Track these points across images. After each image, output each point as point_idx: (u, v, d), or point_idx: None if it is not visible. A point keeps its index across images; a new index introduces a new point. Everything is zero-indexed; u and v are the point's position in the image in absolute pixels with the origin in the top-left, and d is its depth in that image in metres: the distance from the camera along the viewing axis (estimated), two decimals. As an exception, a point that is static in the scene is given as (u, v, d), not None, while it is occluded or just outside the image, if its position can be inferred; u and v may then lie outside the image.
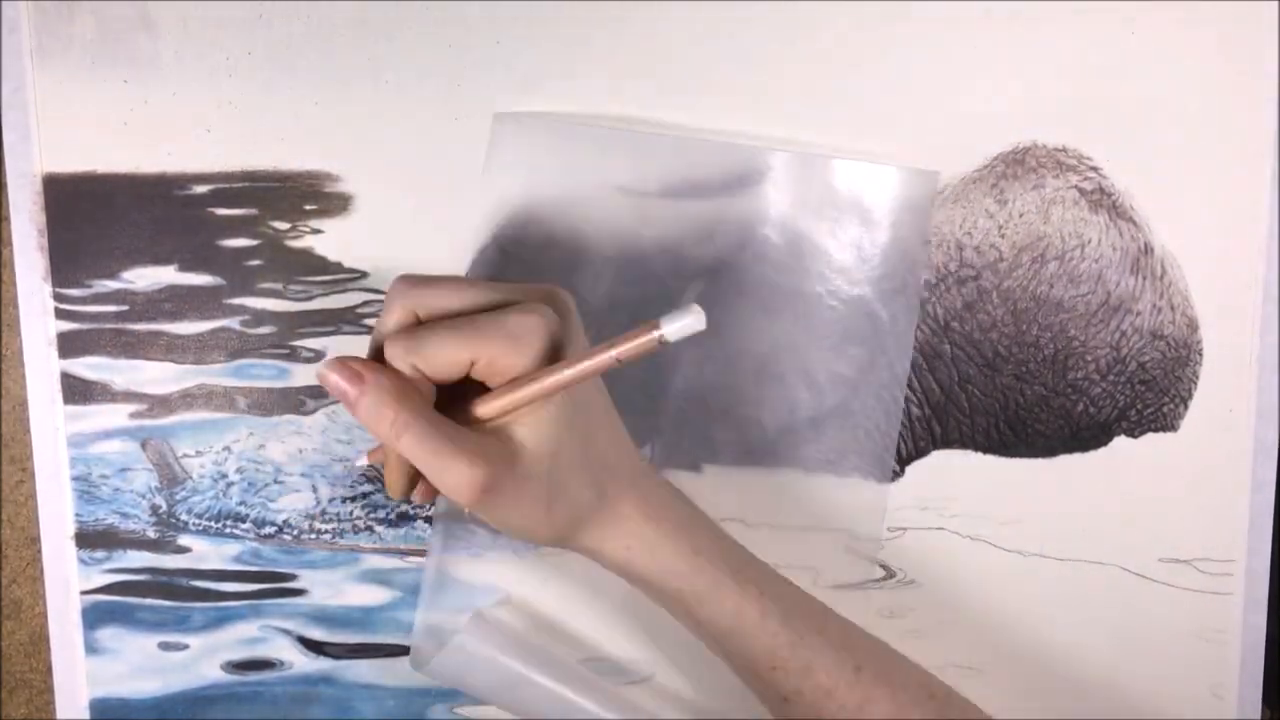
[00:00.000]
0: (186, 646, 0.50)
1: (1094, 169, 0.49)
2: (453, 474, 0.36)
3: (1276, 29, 0.49)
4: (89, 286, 0.48)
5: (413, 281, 0.38)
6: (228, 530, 0.49)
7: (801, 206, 0.49)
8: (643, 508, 0.41)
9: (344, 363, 0.37)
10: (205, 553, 0.50)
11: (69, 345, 0.48)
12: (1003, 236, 0.50)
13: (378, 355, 0.38)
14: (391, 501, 0.50)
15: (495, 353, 0.36)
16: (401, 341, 0.37)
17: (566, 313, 0.39)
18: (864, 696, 0.41)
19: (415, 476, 0.40)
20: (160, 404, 0.49)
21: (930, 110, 0.49)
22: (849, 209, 0.49)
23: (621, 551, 0.41)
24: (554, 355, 0.37)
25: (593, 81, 0.48)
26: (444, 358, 0.36)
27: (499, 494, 0.37)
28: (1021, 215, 0.49)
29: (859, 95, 0.49)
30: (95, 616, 0.50)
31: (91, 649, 0.50)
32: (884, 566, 0.51)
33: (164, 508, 0.49)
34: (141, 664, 0.50)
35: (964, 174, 0.49)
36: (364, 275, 0.48)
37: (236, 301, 0.49)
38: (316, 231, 0.48)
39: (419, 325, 0.37)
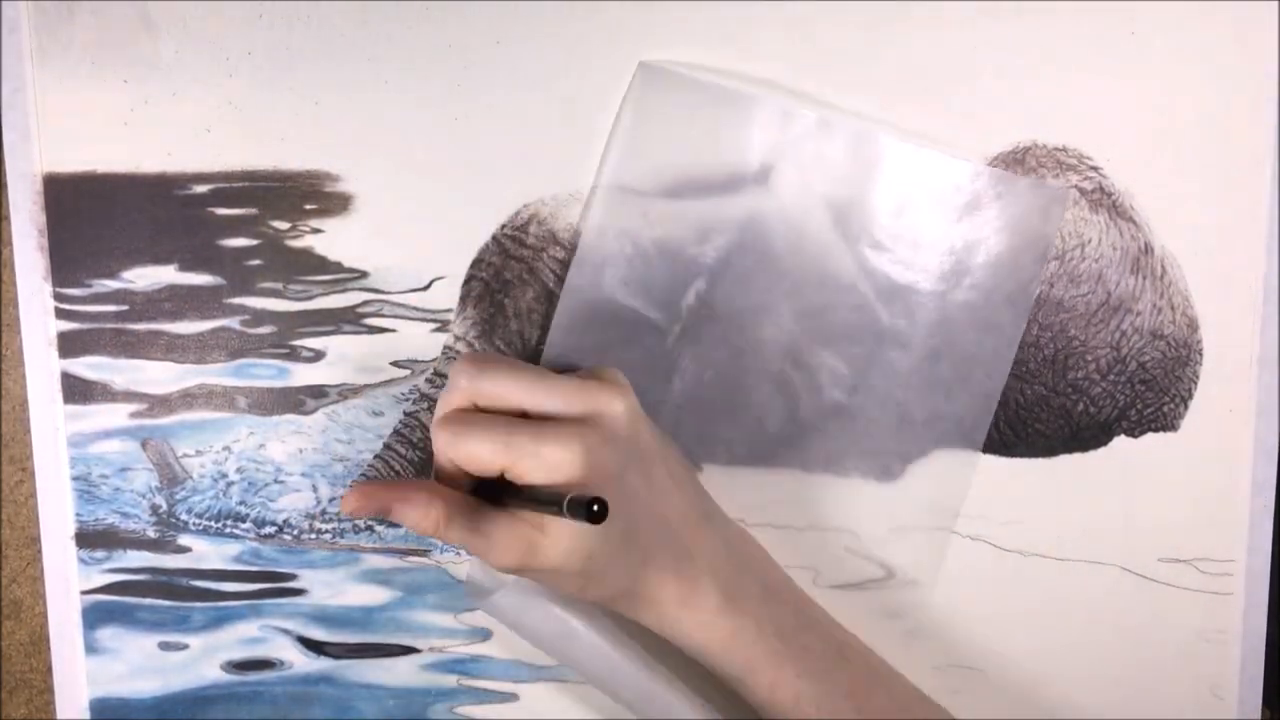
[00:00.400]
0: (186, 646, 0.50)
1: (1094, 168, 0.49)
2: (488, 553, 0.39)
3: (1276, 29, 0.49)
4: (89, 286, 0.48)
5: (477, 365, 0.40)
6: (228, 530, 0.49)
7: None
8: (679, 593, 0.42)
9: (362, 496, 0.40)
10: (205, 552, 0.50)
11: (69, 345, 0.48)
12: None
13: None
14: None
15: (524, 471, 0.38)
16: (446, 434, 0.39)
17: (615, 430, 0.40)
18: None
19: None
20: (160, 404, 0.49)
21: (930, 110, 0.49)
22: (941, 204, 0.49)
23: (660, 630, 0.43)
24: (586, 481, 0.39)
25: (593, 81, 0.48)
26: (477, 463, 0.39)
27: (532, 574, 0.40)
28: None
29: (859, 94, 0.49)
30: (95, 616, 0.50)
31: (91, 649, 0.50)
32: (884, 566, 0.51)
33: (164, 507, 0.49)
34: (141, 664, 0.50)
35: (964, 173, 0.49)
36: (364, 275, 0.48)
37: (237, 301, 0.49)
38: (317, 231, 0.48)
39: (468, 417, 0.40)
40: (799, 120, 0.48)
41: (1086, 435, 0.51)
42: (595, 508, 0.34)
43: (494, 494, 0.42)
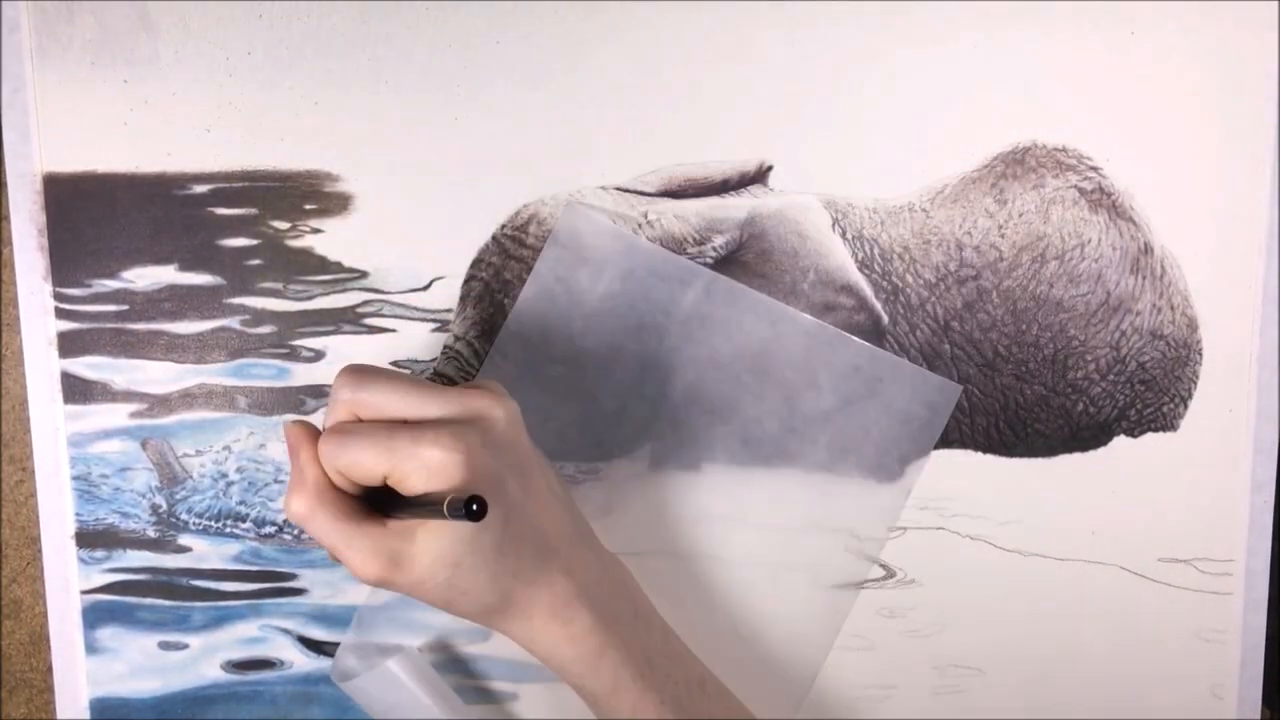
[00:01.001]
0: (186, 646, 0.50)
1: (1094, 169, 0.49)
2: (351, 565, 0.39)
3: (1276, 29, 0.49)
4: (89, 286, 0.48)
5: (355, 378, 0.39)
6: (228, 530, 0.49)
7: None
8: (551, 607, 0.41)
9: (294, 429, 0.40)
10: (205, 552, 0.50)
11: (69, 345, 0.48)
12: (1002, 236, 0.50)
13: None
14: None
15: (405, 474, 0.38)
16: (330, 445, 0.39)
17: (496, 435, 0.39)
18: None
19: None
20: (160, 403, 0.49)
21: (930, 110, 0.49)
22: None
23: (526, 643, 0.43)
24: (468, 484, 0.38)
25: (593, 82, 0.48)
26: (360, 470, 0.38)
27: (396, 586, 0.39)
28: (1021, 215, 0.49)
29: (859, 94, 0.49)
30: (95, 616, 0.50)
31: (92, 648, 0.50)
32: (884, 566, 0.51)
33: (164, 507, 0.49)
34: (142, 663, 0.50)
35: (964, 173, 0.49)
36: (364, 275, 0.48)
37: (236, 301, 0.49)
38: (316, 231, 0.48)
39: (351, 427, 0.39)
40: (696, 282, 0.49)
41: (1086, 435, 0.51)
42: (475, 506, 0.34)
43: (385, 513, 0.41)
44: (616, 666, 0.42)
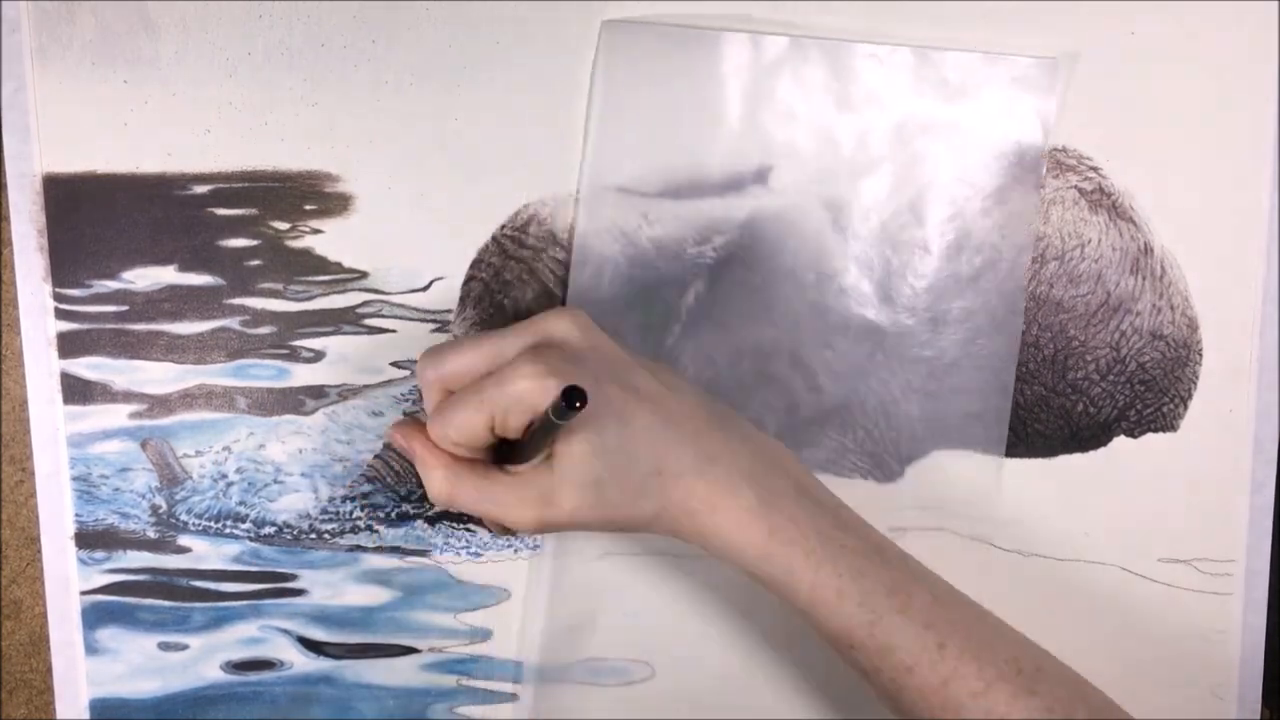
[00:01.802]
0: (186, 647, 0.50)
1: (1094, 169, 0.49)
2: (507, 519, 0.41)
3: (1276, 29, 0.49)
4: (89, 287, 0.48)
5: (433, 357, 0.41)
6: (228, 530, 0.49)
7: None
8: (708, 500, 0.41)
9: (402, 429, 0.42)
10: (205, 553, 0.50)
11: (69, 345, 0.48)
12: (1002, 236, 0.49)
13: None
14: (391, 501, 0.50)
15: (505, 415, 0.39)
16: (436, 423, 0.41)
17: (571, 345, 0.41)
18: (947, 673, 0.41)
19: None
20: (160, 404, 0.49)
21: (930, 108, 0.49)
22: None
23: (697, 540, 0.42)
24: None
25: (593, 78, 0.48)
26: (469, 432, 0.40)
27: (558, 524, 0.40)
28: (1020, 214, 0.49)
29: (860, 91, 0.49)
30: (95, 617, 0.50)
31: (91, 649, 0.50)
32: (884, 566, 0.51)
33: (164, 508, 0.49)
34: (141, 664, 0.50)
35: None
36: (364, 275, 0.48)
37: (236, 301, 0.49)
38: (316, 231, 0.48)
39: (447, 400, 0.41)
40: (770, 47, 0.48)
41: (1086, 435, 0.51)
42: (572, 396, 0.35)
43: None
44: (788, 545, 0.41)
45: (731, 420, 0.44)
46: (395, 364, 0.49)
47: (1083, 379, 0.50)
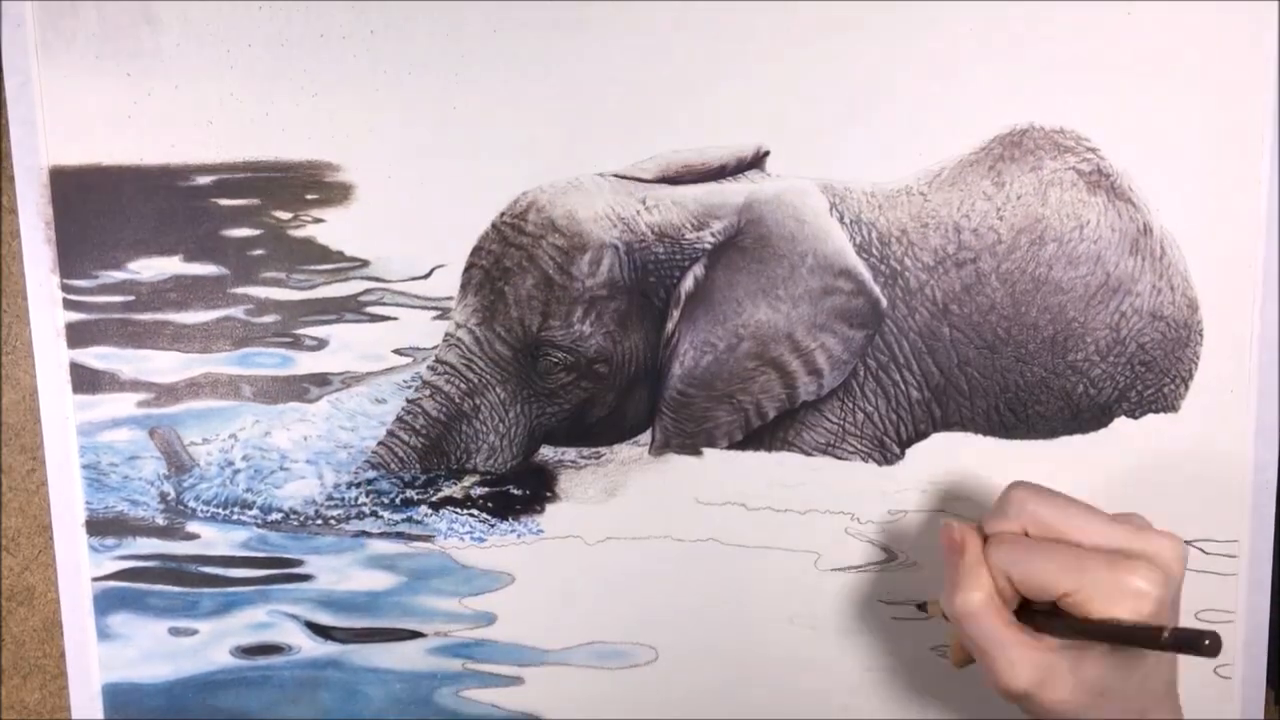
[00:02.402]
0: (196, 632, 0.51)
1: (1092, 150, 0.49)
2: (997, 671, 0.40)
3: (1276, 10, 0.49)
4: (96, 277, 0.49)
5: (1034, 494, 0.41)
6: (235, 517, 0.50)
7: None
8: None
9: (959, 529, 0.42)
10: (213, 539, 0.50)
11: (77, 336, 0.49)
12: (1001, 219, 0.49)
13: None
14: (395, 487, 0.50)
15: (1092, 597, 0.38)
16: (1007, 552, 0.40)
17: (1173, 574, 0.40)
18: None
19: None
20: (167, 393, 0.49)
21: (927, 93, 0.49)
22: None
23: None
24: (1154, 619, 0.38)
25: (591, 69, 0.48)
26: (1038, 583, 0.39)
27: (1033, 704, 0.40)
28: (1019, 197, 0.49)
29: (856, 79, 0.49)
30: (106, 603, 0.50)
31: (103, 634, 0.51)
32: (885, 549, 0.51)
33: (172, 495, 0.50)
34: (152, 649, 0.51)
35: (961, 156, 0.49)
36: (365, 264, 0.49)
37: (240, 291, 0.49)
38: (318, 221, 0.49)
39: (1029, 541, 0.41)
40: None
41: (1087, 417, 0.51)
42: (1206, 639, 0.34)
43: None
44: None
45: (1173, 693, 0.44)
46: (398, 351, 0.50)
47: (1083, 360, 0.50)
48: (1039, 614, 0.40)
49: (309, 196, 0.48)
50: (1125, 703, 0.40)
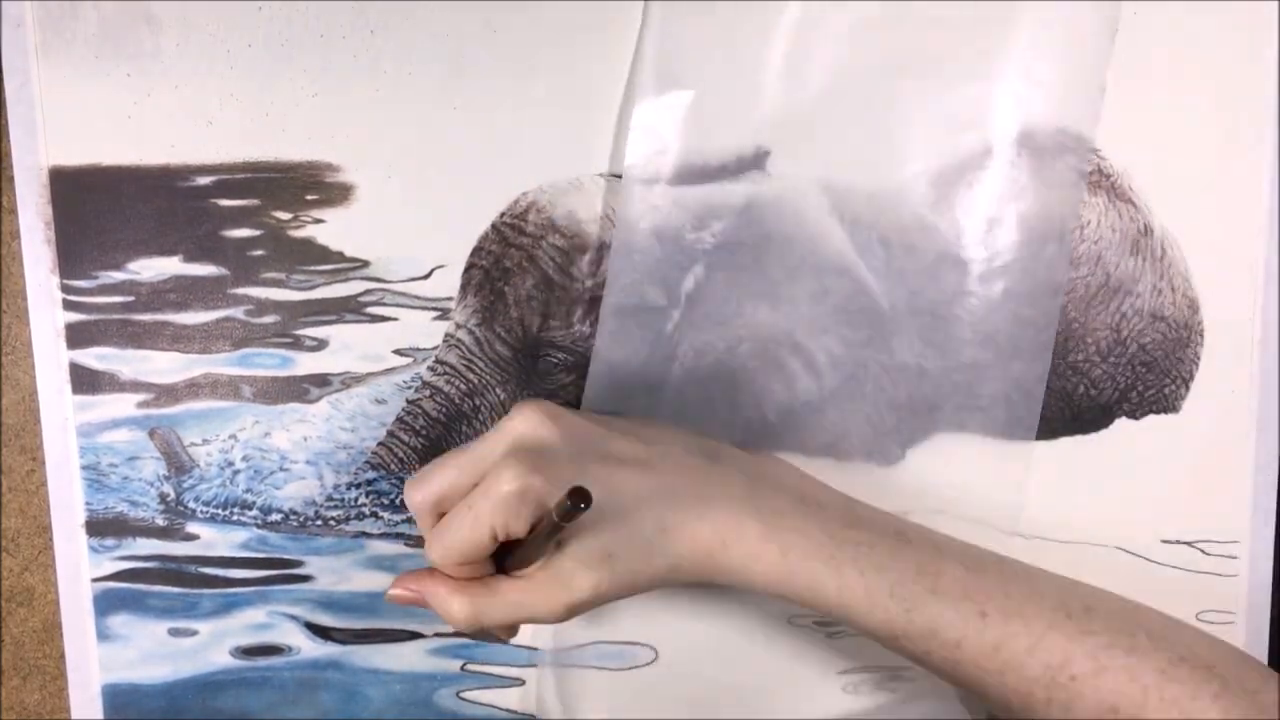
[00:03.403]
0: (196, 633, 0.51)
1: (1092, 150, 0.49)
2: (538, 617, 0.40)
3: (1276, 11, 0.49)
4: (95, 278, 0.49)
5: (414, 484, 0.42)
6: (235, 517, 0.50)
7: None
8: (717, 540, 0.41)
9: (401, 583, 0.43)
10: (213, 540, 0.50)
11: (77, 336, 0.49)
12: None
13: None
14: (395, 487, 0.50)
15: (506, 523, 0.39)
16: (436, 550, 0.41)
17: (535, 440, 0.40)
18: (997, 638, 0.41)
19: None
20: (167, 393, 0.49)
21: (928, 92, 0.49)
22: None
23: (715, 577, 0.42)
24: (553, 494, 0.38)
25: (591, 67, 0.48)
26: (471, 547, 0.40)
27: (582, 606, 0.40)
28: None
29: (856, 79, 0.49)
30: (106, 603, 0.50)
31: (103, 635, 0.51)
32: (886, 550, 0.51)
33: (172, 496, 0.50)
34: (152, 650, 0.51)
35: (962, 157, 0.49)
36: (366, 264, 0.49)
37: (240, 291, 0.49)
38: (318, 221, 0.49)
39: (440, 522, 0.41)
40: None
41: (1087, 417, 0.51)
42: (575, 498, 0.35)
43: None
44: (804, 560, 0.41)
45: (718, 452, 0.45)
46: (398, 351, 0.50)
47: (1083, 361, 0.50)
48: (510, 553, 0.41)
49: (309, 197, 0.48)
50: (634, 543, 0.40)
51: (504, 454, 0.40)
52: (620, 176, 0.49)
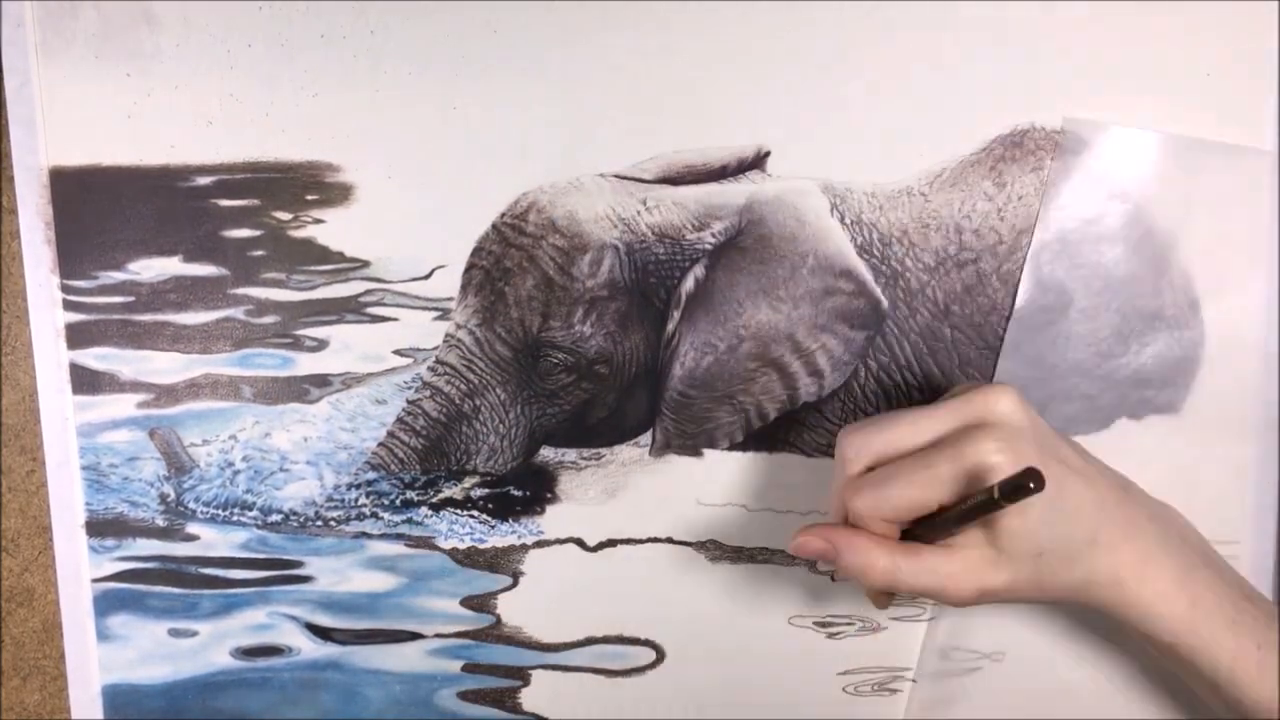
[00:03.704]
0: (196, 633, 0.51)
1: (1090, 149, 0.49)
2: (948, 594, 0.40)
3: (1276, 11, 0.49)
4: (95, 278, 0.49)
5: (856, 430, 0.41)
6: (235, 518, 0.50)
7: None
8: (1136, 570, 0.41)
9: (815, 533, 0.42)
10: (213, 540, 0.50)
11: (77, 336, 0.49)
12: (1002, 219, 0.49)
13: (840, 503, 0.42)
14: (396, 489, 0.50)
15: (962, 492, 0.39)
16: (869, 498, 0.40)
17: (1014, 423, 0.40)
18: None
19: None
20: (167, 393, 0.49)
21: (928, 93, 0.49)
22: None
23: (1115, 608, 0.42)
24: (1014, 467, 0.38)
25: (591, 69, 0.48)
26: (912, 504, 0.40)
27: (992, 596, 0.41)
28: (1020, 198, 0.49)
29: (856, 78, 0.49)
30: (106, 604, 0.50)
31: (103, 636, 0.51)
32: (886, 550, 0.51)
33: (172, 496, 0.50)
34: (152, 650, 0.51)
35: (962, 157, 0.49)
36: (366, 264, 0.49)
37: (240, 292, 0.49)
38: (318, 221, 0.49)
39: (877, 476, 0.40)
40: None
41: (1087, 417, 0.51)
42: (1028, 478, 0.35)
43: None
44: (1210, 617, 0.41)
45: (1137, 491, 0.45)
46: (398, 352, 0.49)
47: (1084, 361, 0.50)
48: (923, 522, 0.41)
49: (309, 197, 0.48)
50: (1065, 549, 0.40)
51: (980, 426, 0.40)
52: (621, 177, 0.49)
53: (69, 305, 0.49)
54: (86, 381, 0.49)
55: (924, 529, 0.41)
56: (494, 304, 0.49)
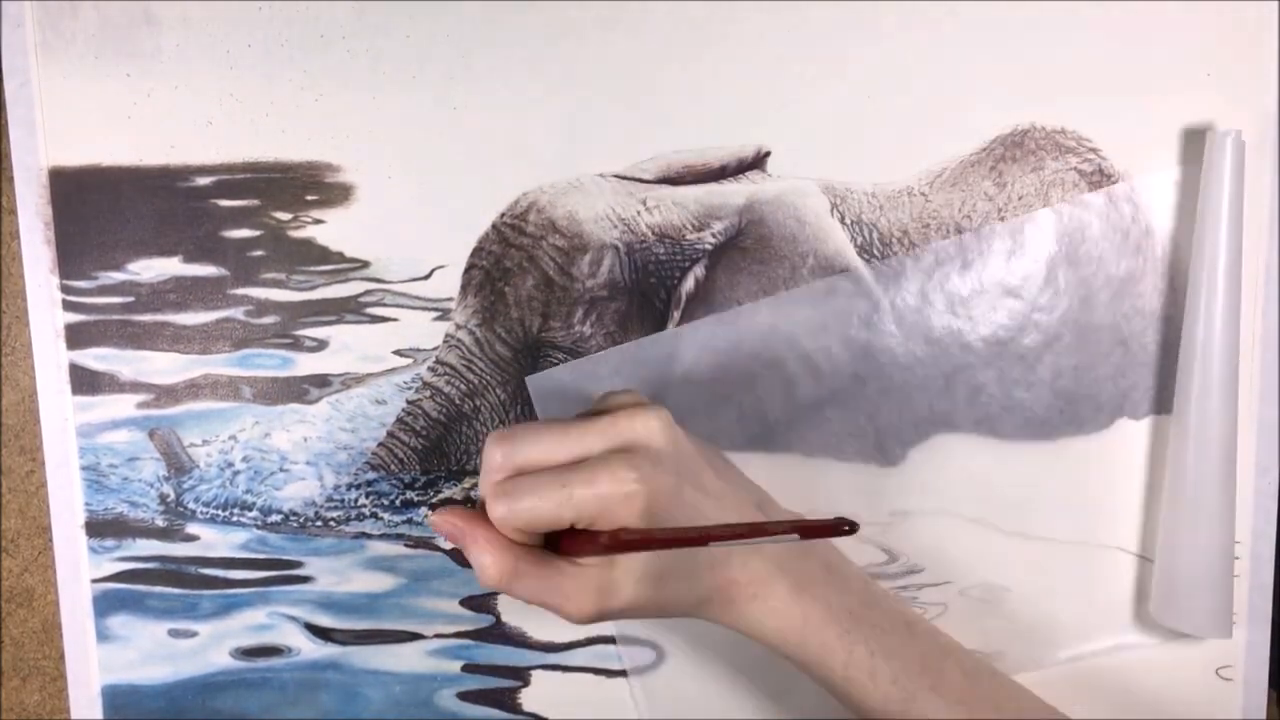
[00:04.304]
0: (196, 634, 0.51)
1: (1093, 150, 0.49)
2: (564, 610, 0.40)
3: (1276, 11, 0.49)
4: (95, 278, 0.49)
5: (504, 437, 0.40)
6: (235, 518, 0.50)
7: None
8: (747, 590, 0.42)
9: (448, 515, 0.41)
10: (213, 541, 0.50)
11: (76, 337, 0.49)
12: (1002, 219, 0.49)
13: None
14: (395, 488, 0.50)
15: (598, 521, 0.39)
16: (503, 505, 0.39)
17: (658, 448, 0.40)
18: None
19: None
20: (167, 394, 0.49)
21: (928, 93, 0.49)
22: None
23: (734, 625, 0.43)
24: (651, 506, 0.39)
25: (590, 70, 0.48)
26: (541, 521, 0.39)
27: (608, 614, 0.40)
28: (1021, 198, 0.49)
29: (856, 78, 0.49)
30: (106, 604, 0.50)
31: (103, 636, 0.50)
32: (886, 551, 0.51)
33: (172, 496, 0.50)
34: (152, 651, 0.51)
35: (962, 157, 0.49)
36: (365, 265, 0.49)
37: (240, 292, 0.49)
38: (318, 222, 0.49)
39: (515, 484, 0.39)
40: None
41: (1087, 417, 0.51)
42: (847, 527, 0.35)
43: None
44: (822, 629, 0.42)
45: (767, 506, 0.45)
46: (398, 352, 0.49)
47: (1084, 361, 0.50)
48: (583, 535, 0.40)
49: (309, 197, 0.48)
50: (684, 570, 0.40)
51: (617, 450, 0.40)
52: (621, 177, 0.49)
53: (69, 305, 0.49)
54: (86, 382, 0.49)
55: (565, 545, 0.40)
56: (494, 304, 0.49)
